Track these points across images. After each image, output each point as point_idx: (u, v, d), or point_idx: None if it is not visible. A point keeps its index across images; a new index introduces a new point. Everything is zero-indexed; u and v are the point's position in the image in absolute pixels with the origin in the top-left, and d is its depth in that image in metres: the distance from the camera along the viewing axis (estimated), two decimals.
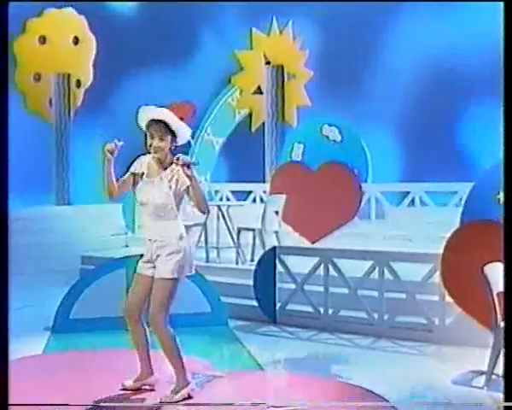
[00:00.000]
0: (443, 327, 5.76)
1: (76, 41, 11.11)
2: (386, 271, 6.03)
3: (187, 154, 4.18)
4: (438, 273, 5.68)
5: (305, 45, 10.31)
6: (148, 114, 4.11)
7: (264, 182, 10.01)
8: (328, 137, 9.53)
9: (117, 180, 4.13)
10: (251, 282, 6.81)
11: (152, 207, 4.09)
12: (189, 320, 6.46)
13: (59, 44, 11.10)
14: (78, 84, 11.10)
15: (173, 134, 4.10)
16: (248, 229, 7.92)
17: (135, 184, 4.17)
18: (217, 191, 10.07)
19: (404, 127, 10.92)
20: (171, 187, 4.07)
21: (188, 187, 4.03)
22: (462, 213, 5.85)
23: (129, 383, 4.32)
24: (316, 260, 6.45)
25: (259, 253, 7.86)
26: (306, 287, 6.49)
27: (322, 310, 6.38)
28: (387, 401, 4.23)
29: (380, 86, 10.93)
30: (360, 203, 8.25)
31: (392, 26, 10.96)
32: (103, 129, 11.39)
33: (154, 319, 4.07)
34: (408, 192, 8.63)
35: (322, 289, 6.37)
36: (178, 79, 11.37)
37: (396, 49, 10.86)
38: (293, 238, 8.04)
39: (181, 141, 4.17)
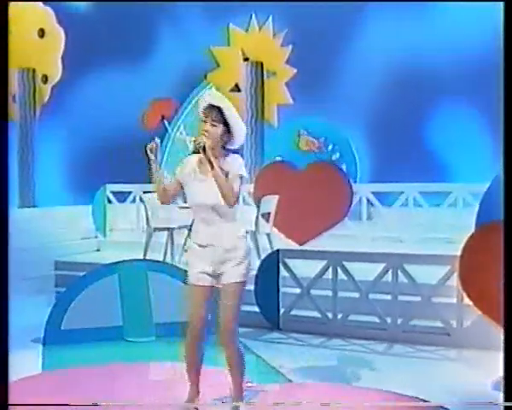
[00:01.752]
0: (461, 330, 5.62)
1: (42, 34, 10.50)
2: (399, 273, 5.85)
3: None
4: (455, 275, 5.53)
5: (287, 42, 10.07)
6: (207, 97, 3.75)
7: None
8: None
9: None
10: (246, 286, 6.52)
11: (207, 208, 3.70)
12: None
13: (22, 36, 10.45)
14: (45, 79, 10.50)
15: (227, 127, 3.71)
16: None
17: (182, 187, 3.80)
18: None
19: (373, 127, 10.86)
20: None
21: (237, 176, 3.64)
22: (477, 214, 5.70)
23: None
24: (322, 263, 6.21)
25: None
26: (313, 291, 6.25)
27: (330, 315, 6.15)
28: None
29: (349, 86, 10.82)
30: (351, 204, 8.09)
31: (363, 26, 10.88)
32: (70, 127, 10.93)
33: (227, 329, 3.70)
34: (401, 193, 8.51)
35: (330, 293, 6.14)
36: (145, 76, 11.00)
37: (366, 49, 10.77)
38: (285, 241, 7.80)
39: (237, 140, 3.76)
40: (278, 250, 6.51)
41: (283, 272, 6.38)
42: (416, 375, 4.99)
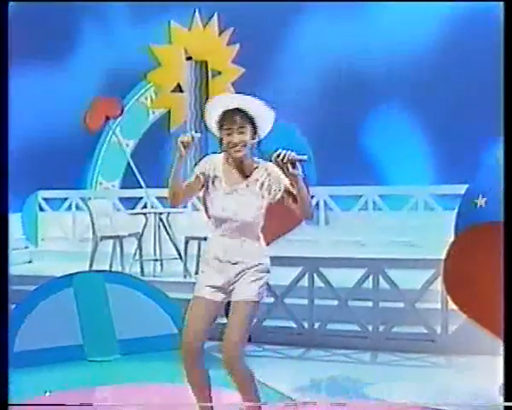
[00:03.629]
0: (446, 336, 5.47)
1: None
2: (381, 279, 5.64)
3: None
4: (439, 280, 5.38)
5: (233, 40, 9.67)
6: (219, 104, 3.29)
7: None
8: None
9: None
10: None
11: (236, 223, 3.22)
12: (156, 343, 5.69)
13: None
14: None
15: (253, 124, 3.26)
16: (198, 238, 7.15)
17: (203, 187, 3.32)
18: (140, 198, 9.13)
19: (309, 127, 10.69)
20: (263, 197, 3.25)
21: (286, 192, 3.25)
22: (456, 216, 5.57)
23: None
24: (298, 270, 5.91)
25: None
26: (287, 300, 5.92)
27: (306, 325, 5.84)
28: None
29: (285, 86, 10.62)
30: None
31: (301, 24, 10.71)
32: None
33: (232, 351, 3.22)
34: (360, 196, 8.33)
35: (305, 301, 5.85)
36: (79, 76, 10.36)
37: (303, 49, 10.60)
38: None
39: (263, 131, 3.33)
40: None
41: None
42: (404, 383, 4.83)
